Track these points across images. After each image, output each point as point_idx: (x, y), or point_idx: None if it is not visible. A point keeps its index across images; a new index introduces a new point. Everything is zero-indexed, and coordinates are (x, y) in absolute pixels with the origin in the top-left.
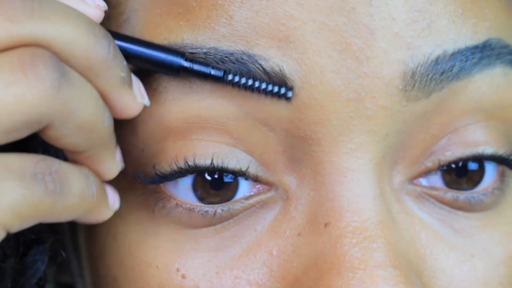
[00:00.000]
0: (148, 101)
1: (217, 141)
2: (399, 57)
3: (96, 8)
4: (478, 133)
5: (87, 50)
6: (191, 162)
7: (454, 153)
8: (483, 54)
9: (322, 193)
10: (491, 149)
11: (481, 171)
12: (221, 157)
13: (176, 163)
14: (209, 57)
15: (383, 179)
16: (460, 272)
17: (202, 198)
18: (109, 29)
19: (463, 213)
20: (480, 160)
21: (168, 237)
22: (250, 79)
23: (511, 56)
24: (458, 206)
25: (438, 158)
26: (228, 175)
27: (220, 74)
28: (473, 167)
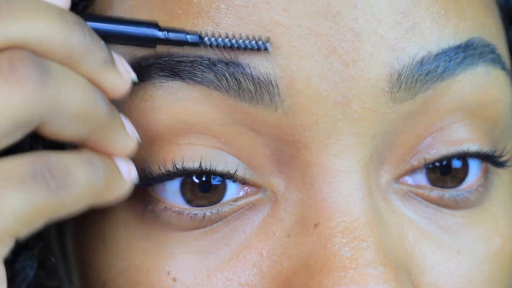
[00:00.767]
0: (135, 76)
1: (205, 144)
2: (384, 59)
3: None
4: (462, 131)
5: (63, 40)
6: (179, 165)
7: (439, 151)
8: (466, 53)
9: (310, 194)
10: (476, 147)
11: (465, 169)
12: (209, 160)
13: (164, 167)
14: (196, 65)
15: (370, 179)
16: (447, 268)
17: (190, 200)
18: (79, 12)
19: (448, 211)
20: (464, 157)
21: (157, 241)
22: (227, 38)
23: (493, 55)
24: (443, 203)
25: (423, 156)
26: (216, 177)
27: (196, 39)
28: (457, 165)
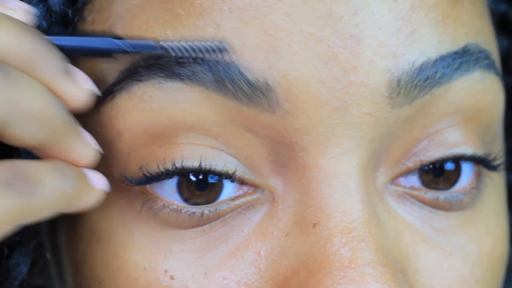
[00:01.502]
0: (96, 88)
1: (203, 144)
2: (384, 65)
3: (22, 12)
4: (457, 135)
5: (19, 47)
6: (179, 164)
7: (435, 154)
8: (462, 59)
9: (308, 195)
10: (470, 150)
11: (458, 171)
12: (208, 159)
13: (163, 165)
14: (196, 66)
15: (368, 181)
16: (441, 269)
17: (187, 199)
18: (53, 26)
19: (442, 212)
20: (457, 160)
21: (155, 238)
22: (184, 43)
23: (488, 60)
24: (438, 205)
25: (419, 158)
26: (213, 176)
27: (152, 44)
28: (450, 167)
